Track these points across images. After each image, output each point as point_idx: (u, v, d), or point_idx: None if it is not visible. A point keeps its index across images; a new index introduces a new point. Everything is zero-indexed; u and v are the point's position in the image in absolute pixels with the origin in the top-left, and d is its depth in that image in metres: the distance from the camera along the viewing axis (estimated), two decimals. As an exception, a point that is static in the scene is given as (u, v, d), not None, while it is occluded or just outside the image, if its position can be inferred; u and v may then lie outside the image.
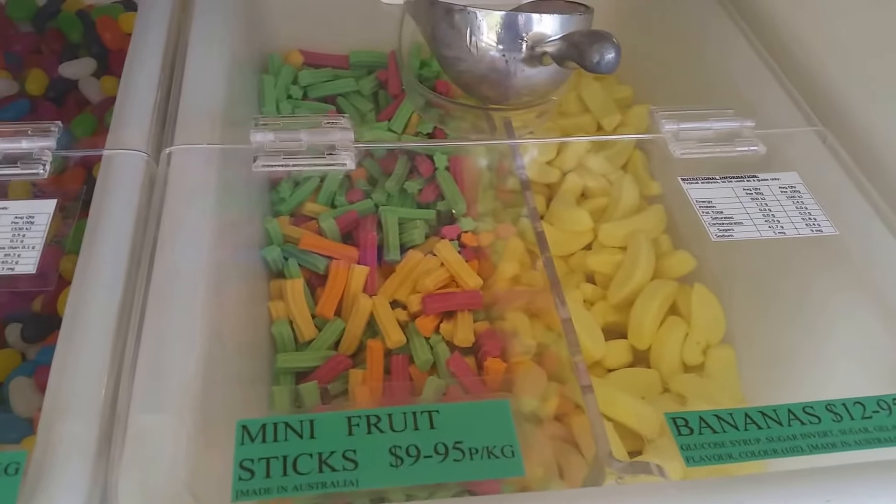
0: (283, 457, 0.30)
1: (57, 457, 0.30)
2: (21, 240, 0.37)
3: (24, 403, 0.38)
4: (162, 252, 0.38)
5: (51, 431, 0.31)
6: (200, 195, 0.41)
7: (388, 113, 0.64)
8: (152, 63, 0.49)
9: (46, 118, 0.55)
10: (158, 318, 0.35)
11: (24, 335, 0.42)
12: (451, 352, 0.50)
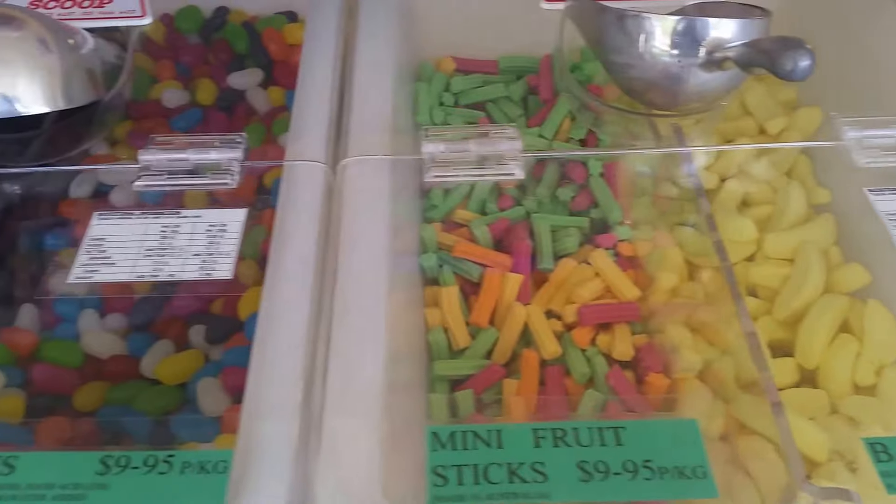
0: (473, 465, 0.30)
1: (259, 456, 0.31)
2: (216, 246, 0.39)
3: (212, 403, 0.40)
4: (345, 259, 0.39)
5: (252, 432, 0.32)
6: (376, 204, 0.42)
7: (538, 118, 0.64)
8: (324, 75, 0.51)
9: (217, 128, 0.59)
10: (345, 324, 0.36)
11: (208, 337, 0.45)
12: (610, 365, 0.49)
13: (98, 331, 0.46)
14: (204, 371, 0.43)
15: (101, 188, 0.54)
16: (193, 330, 0.46)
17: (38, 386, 0.43)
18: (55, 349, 0.45)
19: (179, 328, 0.47)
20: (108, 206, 0.53)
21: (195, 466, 0.31)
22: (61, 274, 0.49)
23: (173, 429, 0.39)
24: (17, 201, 0.50)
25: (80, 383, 0.44)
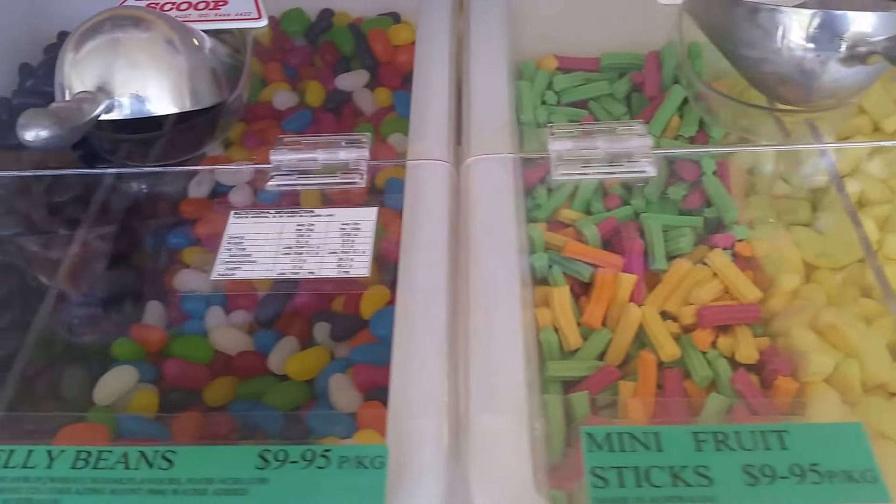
0: (633, 467, 0.29)
1: (413, 453, 0.31)
2: (351, 244, 0.39)
3: (345, 399, 0.41)
4: (477, 258, 0.39)
5: (401, 429, 0.32)
6: (503, 203, 0.42)
7: (645, 116, 0.63)
8: (440, 74, 0.51)
9: (327, 129, 0.60)
10: (482, 323, 0.36)
11: (333, 335, 0.45)
12: (733, 368, 0.48)
13: (225, 327, 0.47)
14: (331, 368, 0.44)
15: (218, 188, 0.55)
16: (318, 327, 0.46)
17: (169, 381, 0.44)
18: (185, 345, 0.45)
19: (303, 325, 0.47)
20: (227, 205, 0.54)
21: (352, 461, 0.31)
22: (187, 272, 0.50)
23: (310, 424, 0.40)
24: (143, 200, 0.51)
25: (209, 379, 0.45)
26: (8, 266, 0.48)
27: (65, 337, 0.45)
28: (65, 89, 0.47)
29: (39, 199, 0.52)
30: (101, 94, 0.43)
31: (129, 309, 0.47)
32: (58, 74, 0.48)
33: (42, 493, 0.31)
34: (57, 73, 0.48)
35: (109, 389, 0.42)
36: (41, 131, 0.39)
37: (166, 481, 0.31)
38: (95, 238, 0.50)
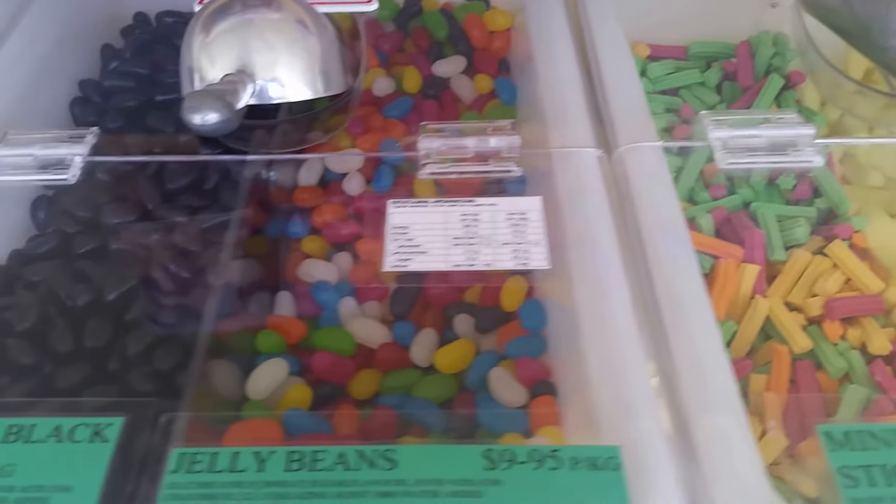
0: (881, 466, 0.29)
1: (644, 454, 0.31)
2: (523, 235, 0.38)
3: (510, 394, 0.40)
4: (654, 250, 0.38)
5: (620, 429, 0.32)
6: (664, 192, 0.41)
7: (739, 105, 0.62)
8: (567, 60, 0.50)
9: (429, 116, 0.58)
10: (678, 315, 0.35)
11: (478, 327, 0.44)
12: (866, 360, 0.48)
13: (362, 318, 0.45)
14: (482, 361, 0.43)
15: (327, 176, 0.54)
16: (458, 319, 0.45)
17: (316, 374, 0.43)
18: (328, 337, 0.44)
19: (439, 317, 0.46)
20: (341, 194, 0.53)
21: (585, 462, 0.30)
22: (311, 262, 0.49)
23: (480, 420, 0.39)
24: (258, 188, 0.50)
25: (354, 371, 0.43)
26: (127, 255, 0.46)
27: (197, 329, 0.43)
28: (193, 73, 0.45)
29: (151, 185, 0.50)
30: (246, 77, 0.42)
31: (263, 300, 0.46)
32: (185, 57, 0.46)
33: (259, 500, 0.29)
34: (184, 56, 0.46)
35: (263, 383, 0.41)
36: (210, 114, 0.37)
37: (393, 482, 0.30)
38: (215, 227, 0.48)
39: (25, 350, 0.41)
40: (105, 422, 0.31)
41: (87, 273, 0.45)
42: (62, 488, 0.30)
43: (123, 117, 0.54)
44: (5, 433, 0.31)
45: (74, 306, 0.43)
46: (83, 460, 0.30)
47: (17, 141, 0.44)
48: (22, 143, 0.44)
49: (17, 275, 0.46)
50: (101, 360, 0.42)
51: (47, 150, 0.43)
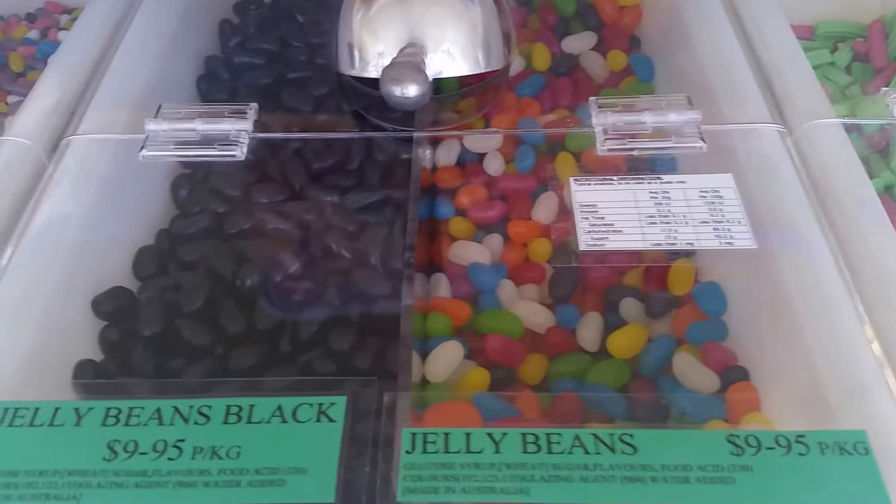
0: None
1: (889, 437, 0.29)
2: (721, 213, 0.37)
3: (702, 380, 0.38)
4: (858, 230, 0.37)
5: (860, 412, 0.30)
6: (856, 171, 0.40)
7: (874, 86, 0.60)
8: (726, 36, 0.48)
9: (563, 94, 0.57)
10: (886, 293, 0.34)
11: (650, 311, 0.43)
12: None
13: (525, 301, 0.44)
14: (657, 346, 0.41)
15: (465, 156, 0.53)
16: (625, 303, 0.44)
17: (489, 357, 0.41)
18: (495, 320, 0.43)
19: (599, 300, 0.45)
20: (480, 174, 0.51)
21: (833, 447, 0.29)
22: (462, 243, 0.48)
23: (676, 406, 0.37)
24: (399, 167, 0.49)
25: (524, 355, 0.42)
26: (287, 236, 0.45)
27: (352, 309, 0.42)
28: (353, 49, 0.44)
29: (298, 164, 0.49)
30: (420, 50, 0.40)
31: (420, 282, 0.45)
32: (344, 33, 0.45)
33: (502, 482, 0.28)
34: (342, 31, 0.45)
35: (442, 366, 0.40)
36: (410, 86, 0.36)
37: (638, 467, 0.28)
38: (369, 207, 0.47)
39: (200, 331, 0.40)
40: (328, 401, 0.30)
41: (248, 254, 0.44)
42: (296, 470, 0.29)
43: (257, 95, 0.53)
44: (225, 413, 0.30)
45: (242, 287, 0.42)
46: (312, 441, 0.30)
47: (173, 114, 0.43)
48: (179, 117, 0.43)
49: (170, 255, 0.45)
50: (273, 341, 0.41)
51: (211, 126, 0.42)
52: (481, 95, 0.48)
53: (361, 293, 0.42)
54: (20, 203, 0.41)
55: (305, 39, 0.57)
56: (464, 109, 0.48)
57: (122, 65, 0.49)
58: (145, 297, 0.41)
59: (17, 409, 0.31)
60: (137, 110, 0.46)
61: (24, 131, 0.44)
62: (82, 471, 0.29)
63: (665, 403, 0.39)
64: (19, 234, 0.39)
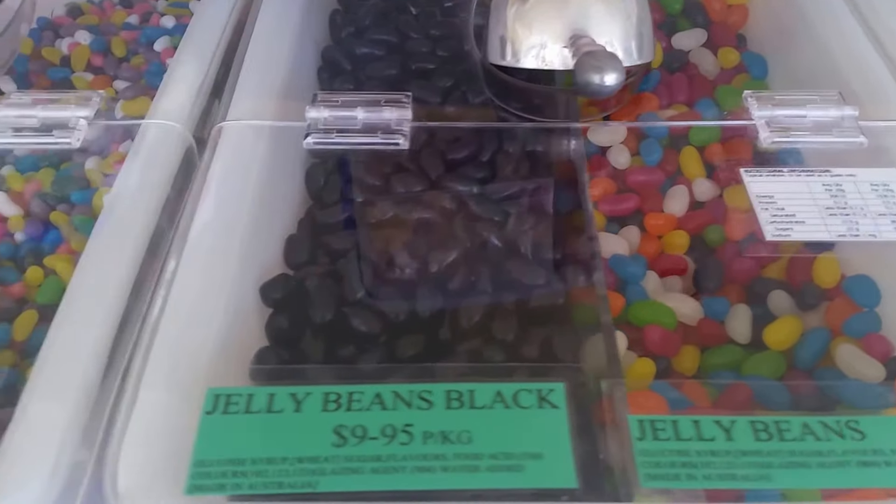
0: None
1: None
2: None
3: (872, 371, 0.39)
4: None
5: None
6: None
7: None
8: (855, 33, 0.49)
9: (680, 90, 0.57)
10: None
11: (802, 303, 0.43)
12: None
13: (673, 294, 0.45)
14: (814, 338, 0.42)
15: (589, 149, 0.53)
16: (774, 295, 0.44)
17: (647, 348, 0.42)
18: (649, 311, 0.43)
19: (742, 292, 0.45)
20: (605, 167, 0.52)
21: None
22: (602, 235, 0.48)
23: (845, 395, 0.38)
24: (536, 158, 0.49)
25: (679, 346, 0.42)
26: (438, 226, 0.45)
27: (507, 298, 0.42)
28: (506, 42, 0.44)
29: (434, 153, 0.49)
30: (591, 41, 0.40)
31: (567, 272, 0.45)
32: (495, 26, 0.45)
33: (741, 468, 0.28)
34: (493, 24, 0.45)
35: (601, 356, 0.40)
36: (610, 74, 0.36)
37: (870, 452, 0.29)
38: (506, 197, 0.47)
39: (368, 319, 0.40)
40: (546, 387, 0.31)
41: (399, 242, 0.44)
42: (532, 455, 0.29)
43: (385, 85, 0.53)
44: (446, 399, 0.30)
45: (401, 276, 0.42)
46: (539, 426, 0.30)
47: (330, 102, 0.43)
48: (337, 105, 0.43)
49: (318, 244, 0.45)
50: (432, 329, 0.41)
51: (372, 114, 0.42)
52: (623, 88, 0.48)
53: (516, 283, 0.42)
54: (178, 187, 0.41)
55: (424, 31, 0.57)
56: (604, 102, 0.49)
57: (258, 52, 0.49)
58: (314, 284, 0.40)
59: (230, 395, 0.31)
60: (280, 98, 0.46)
61: (171, 115, 0.44)
62: (313, 457, 0.29)
63: (828, 393, 0.39)
64: (188, 218, 0.39)
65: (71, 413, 0.31)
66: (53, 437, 0.31)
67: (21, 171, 0.51)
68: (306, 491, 0.28)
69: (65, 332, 0.34)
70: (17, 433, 0.31)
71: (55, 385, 0.32)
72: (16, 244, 0.48)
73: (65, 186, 0.49)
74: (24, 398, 0.32)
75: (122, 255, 0.37)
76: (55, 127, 0.42)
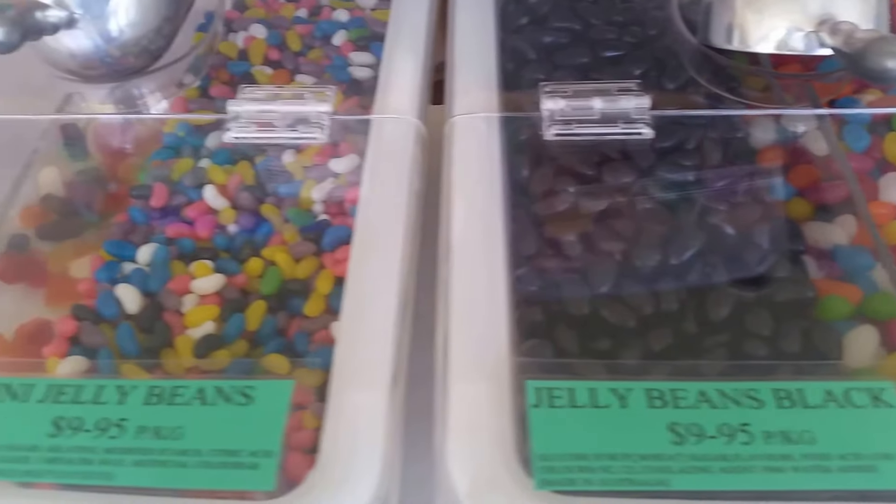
0: None
1: None
2: None
3: None
4: None
5: None
6: None
7: None
8: None
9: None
10: None
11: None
12: None
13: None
14: None
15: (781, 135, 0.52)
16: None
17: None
18: (890, 305, 0.43)
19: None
20: (805, 152, 0.51)
21: None
22: (817, 225, 0.47)
23: None
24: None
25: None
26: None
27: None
28: (737, 25, 0.43)
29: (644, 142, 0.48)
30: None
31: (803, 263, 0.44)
32: (721, 9, 0.44)
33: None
34: (718, 6, 0.44)
35: (866, 350, 0.39)
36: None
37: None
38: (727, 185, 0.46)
39: (621, 312, 0.39)
40: (877, 386, 0.30)
41: (631, 233, 0.43)
42: (883, 456, 0.28)
43: (577, 74, 0.52)
44: (775, 397, 0.30)
45: (642, 268, 0.42)
46: (882, 426, 0.29)
47: (562, 93, 0.43)
48: (567, 95, 0.43)
49: (542, 236, 0.45)
50: (676, 322, 0.41)
51: (609, 103, 0.42)
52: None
53: (759, 274, 0.42)
54: (424, 180, 0.41)
55: (606, 17, 0.57)
56: (833, 86, 0.48)
57: (466, 44, 0.48)
58: (566, 277, 0.40)
59: (552, 389, 0.31)
60: (490, 90, 0.46)
61: (402, 109, 0.44)
62: (656, 454, 0.29)
63: None
64: (448, 210, 0.39)
65: (389, 406, 0.31)
66: (376, 433, 0.31)
67: (218, 163, 0.51)
68: (659, 489, 0.28)
69: (356, 327, 0.34)
70: (338, 430, 0.31)
71: (366, 380, 0.32)
72: (229, 236, 0.47)
73: (270, 179, 0.49)
74: (334, 396, 0.32)
75: (388, 251, 0.37)
76: (299, 122, 0.42)
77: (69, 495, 0.29)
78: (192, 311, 0.43)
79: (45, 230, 0.49)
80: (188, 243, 0.47)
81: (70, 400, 0.32)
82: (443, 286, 0.36)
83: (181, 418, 0.31)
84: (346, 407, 0.31)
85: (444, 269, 0.37)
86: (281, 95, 0.43)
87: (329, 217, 0.47)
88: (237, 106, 0.44)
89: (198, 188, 0.50)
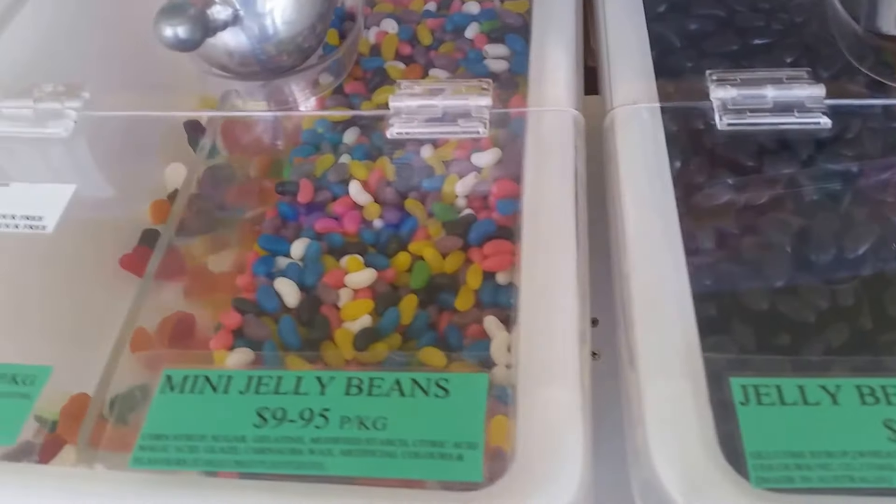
0: None
1: None
2: None
3: None
4: None
5: None
6: None
7: None
8: None
9: None
10: None
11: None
12: None
13: None
14: None
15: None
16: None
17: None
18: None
19: None
20: None
21: None
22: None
23: None
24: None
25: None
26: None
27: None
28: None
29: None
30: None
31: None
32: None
33: None
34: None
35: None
36: None
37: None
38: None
39: (801, 307, 0.39)
40: None
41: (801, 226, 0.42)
42: None
43: (727, 62, 0.51)
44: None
45: (816, 262, 0.41)
46: None
47: (731, 81, 0.42)
48: (737, 83, 0.41)
49: (704, 228, 0.44)
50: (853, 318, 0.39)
51: (781, 91, 0.40)
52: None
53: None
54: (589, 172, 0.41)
55: (750, 4, 0.55)
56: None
57: (618, 32, 0.48)
58: (740, 271, 0.39)
59: (757, 385, 0.31)
60: (647, 79, 0.45)
61: (561, 101, 0.43)
62: (874, 451, 0.28)
63: None
64: (618, 203, 0.38)
65: (583, 404, 0.31)
66: (575, 431, 0.31)
67: (358, 159, 0.52)
68: (881, 486, 0.27)
69: (538, 324, 0.34)
70: (534, 428, 0.31)
71: (557, 377, 0.32)
72: (375, 231, 0.48)
73: (411, 174, 0.49)
74: (525, 394, 0.32)
75: (562, 246, 0.37)
76: (460, 116, 0.42)
77: (284, 486, 0.30)
78: (349, 305, 0.44)
79: (183, 226, 0.50)
80: (337, 238, 0.48)
81: (271, 391, 0.33)
82: (621, 281, 0.36)
83: (383, 409, 0.31)
84: (540, 404, 0.31)
85: (621, 263, 0.37)
86: (439, 91, 0.43)
87: (473, 211, 0.47)
88: (398, 101, 0.44)
89: (340, 184, 0.50)
